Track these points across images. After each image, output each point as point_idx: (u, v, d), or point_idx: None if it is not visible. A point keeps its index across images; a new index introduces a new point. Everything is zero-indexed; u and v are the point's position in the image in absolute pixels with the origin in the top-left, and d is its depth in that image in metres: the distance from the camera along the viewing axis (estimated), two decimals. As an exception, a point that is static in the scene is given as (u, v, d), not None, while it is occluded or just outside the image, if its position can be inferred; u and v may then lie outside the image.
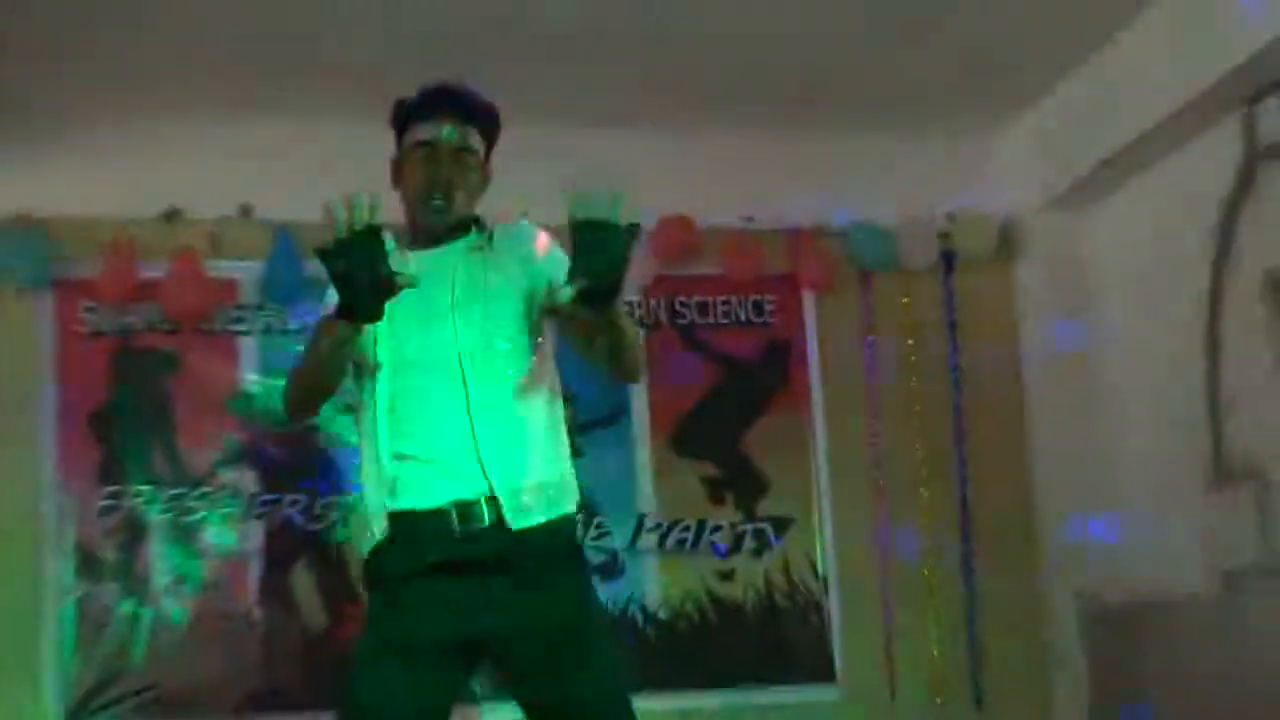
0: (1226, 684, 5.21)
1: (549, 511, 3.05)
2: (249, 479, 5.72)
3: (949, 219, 6.27)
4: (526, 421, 3.06)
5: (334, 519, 5.69)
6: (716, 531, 5.99)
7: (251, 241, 5.72)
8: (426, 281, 2.98)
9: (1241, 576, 5.22)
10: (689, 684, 5.81)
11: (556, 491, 3.08)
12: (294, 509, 5.69)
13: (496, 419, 3.02)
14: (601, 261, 2.76)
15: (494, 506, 2.99)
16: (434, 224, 3.16)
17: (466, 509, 2.99)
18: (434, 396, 3.03)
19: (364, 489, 3.10)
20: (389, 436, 3.05)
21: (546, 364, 3.15)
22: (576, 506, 3.13)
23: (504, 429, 3.03)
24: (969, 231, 6.28)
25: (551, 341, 3.16)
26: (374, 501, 3.07)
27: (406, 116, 3.21)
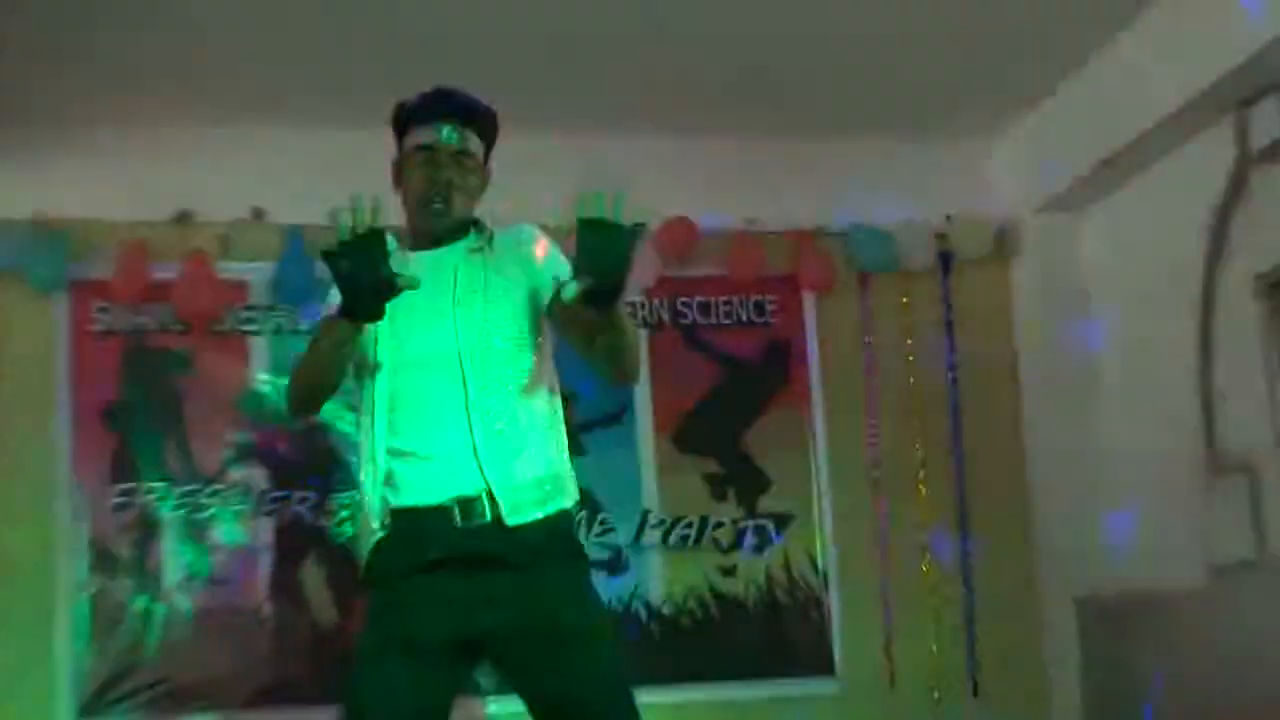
0: (1220, 676, 5.18)
1: (546, 507, 3.06)
2: (259, 476, 5.73)
3: (947, 221, 6.28)
4: (524, 419, 3.08)
5: (343, 516, 5.70)
6: (719, 528, 5.99)
7: (262, 244, 5.73)
8: (427, 282, 2.99)
9: (1234, 571, 5.20)
10: (692, 677, 5.81)
11: (554, 488, 3.09)
12: (303, 506, 5.70)
13: (495, 417, 3.04)
14: (606, 262, 2.78)
15: (492, 503, 3.00)
16: (434, 226, 3.17)
17: (467, 505, 3.00)
18: (434, 395, 3.04)
19: (364, 486, 3.11)
20: (389, 434, 3.07)
21: (545, 363, 3.16)
22: (575, 502, 3.14)
23: (502, 427, 3.04)
24: (967, 233, 6.29)
25: (550, 341, 3.18)
26: (374, 498, 3.08)
27: (406, 120, 3.22)
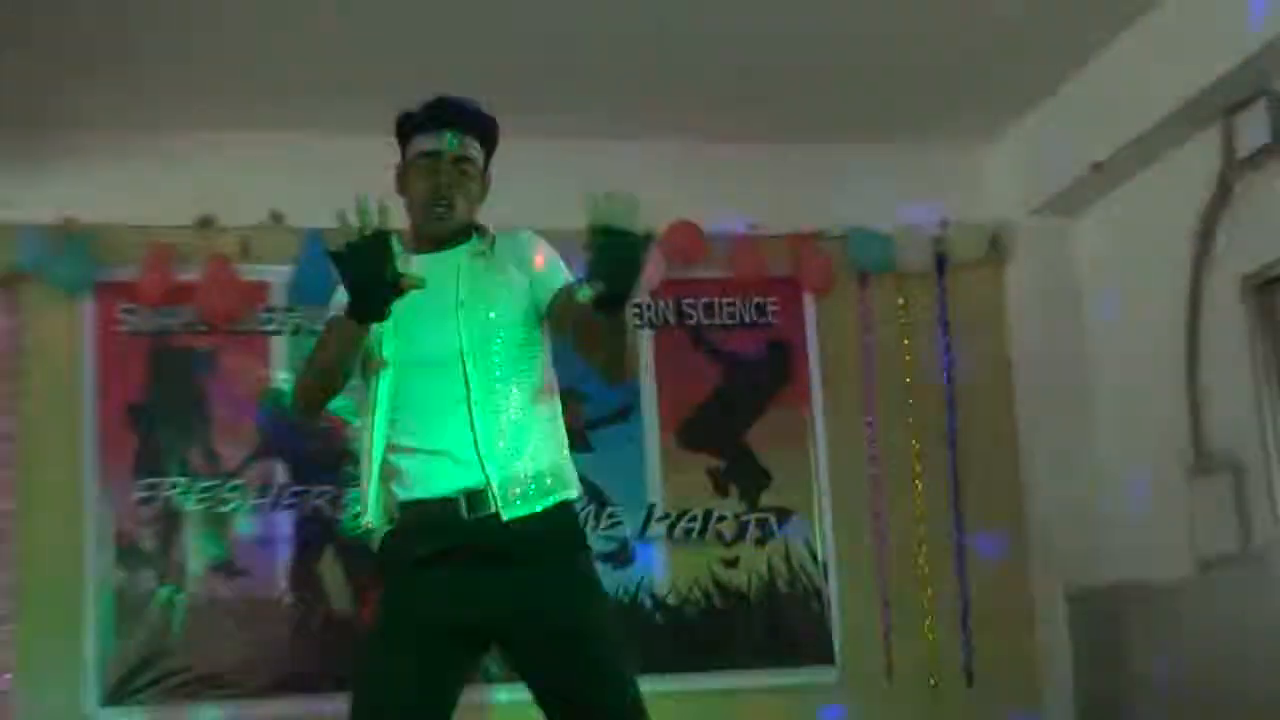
0: (1208, 665, 5.20)
1: (548, 500, 3.08)
2: (279, 471, 5.72)
3: (943, 225, 6.26)
4: (525, 416, 3.10)
5: (355, 511, 5.69)
6: (722, 521, 5.98)
7: (282, 247, 5.72)
8: (431, 283, 3.01)
9: (1221, 564, 5.21)
10: (695, 666, 5.81)
11: (555, 481, 3.11)
12: (322, 499, 5.68)
13: (496, 414, 3.05)
14: (619, 268, 2.77)
15: (495, 496, 3.02)
16: (436, 230, 3.19)
17: (472, 498, 3.02)
18: (437, 393, 3.06)
19: (365, 481, 3.12)
20: (393, 431, 3.09)
21: (544, 363, 3.19)
22: (578, 495, 3.15)
23: (503, 423, 3.05)
24: (962, 236, 6.27)
25: (549, 342, 3.20)
26: (373, 494, 3.10)
27: (410, 128, 3.23)
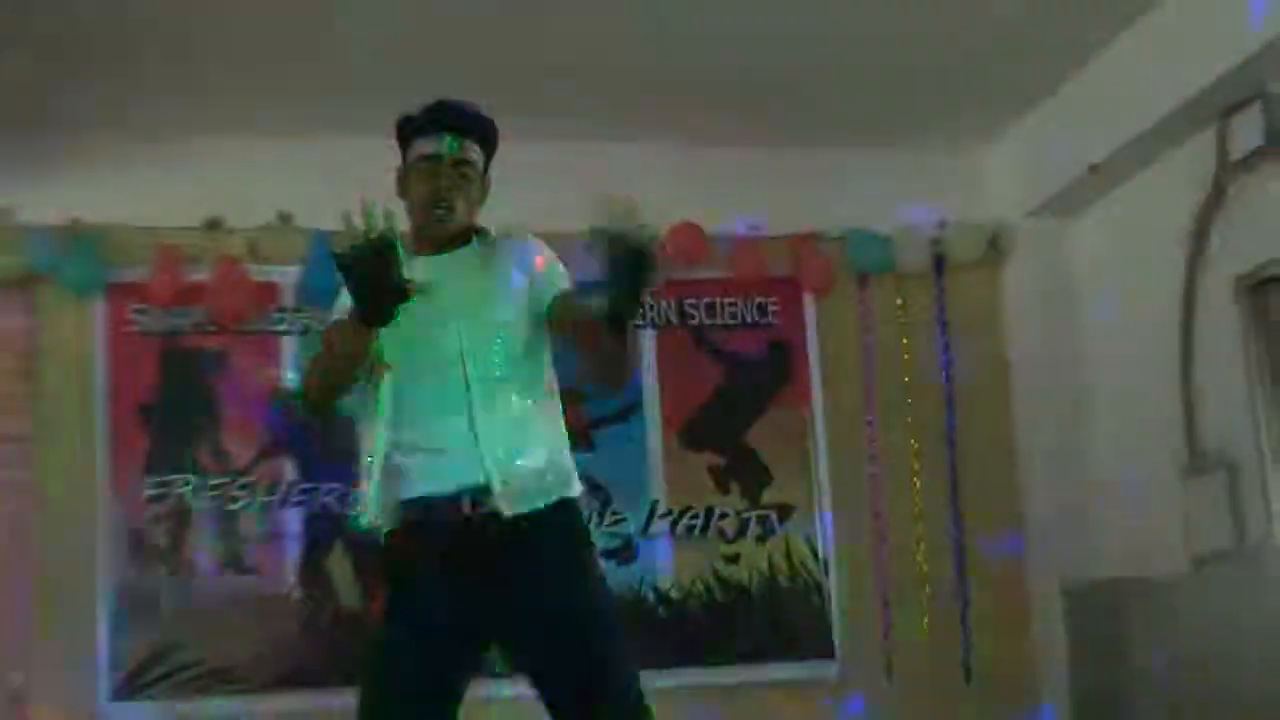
0: (1202, 660, 5.18)
1: (548, 498, 3.07)
2: (288, 469, 5.73)
3: (941, 226, 6.28)
4: (524, 416, 3.09)
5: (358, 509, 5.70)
6: (724, 518, 5.99)
7: (290, 248, 5.72)
8: (433, 285, 3.00)
9: (1214, 561, 5.23)
10: (698, 660, 5.82)
11: (556, 479, 3.10)
12: (330, 497, 5.68)
13: (496, 413, 3.05)
14: (630, 283, 2.79)
15: (495, 495, 3.01)
16: (437, 232, 3.18)
17: (474, 496, 3.01)
18: (440, 393, 3.05)
19: (367, 480, 3.12)
20: (396, 429, 3.08)
21: (545, 363, 3.18)
22: (579, 493, 3.15)
23: (503, 422, 3.05)
24: (960, 237, 6.29)
25: (550, 343, 3.20)
26: (379, 492, 3.10)
27: (410, 131, 3.22)
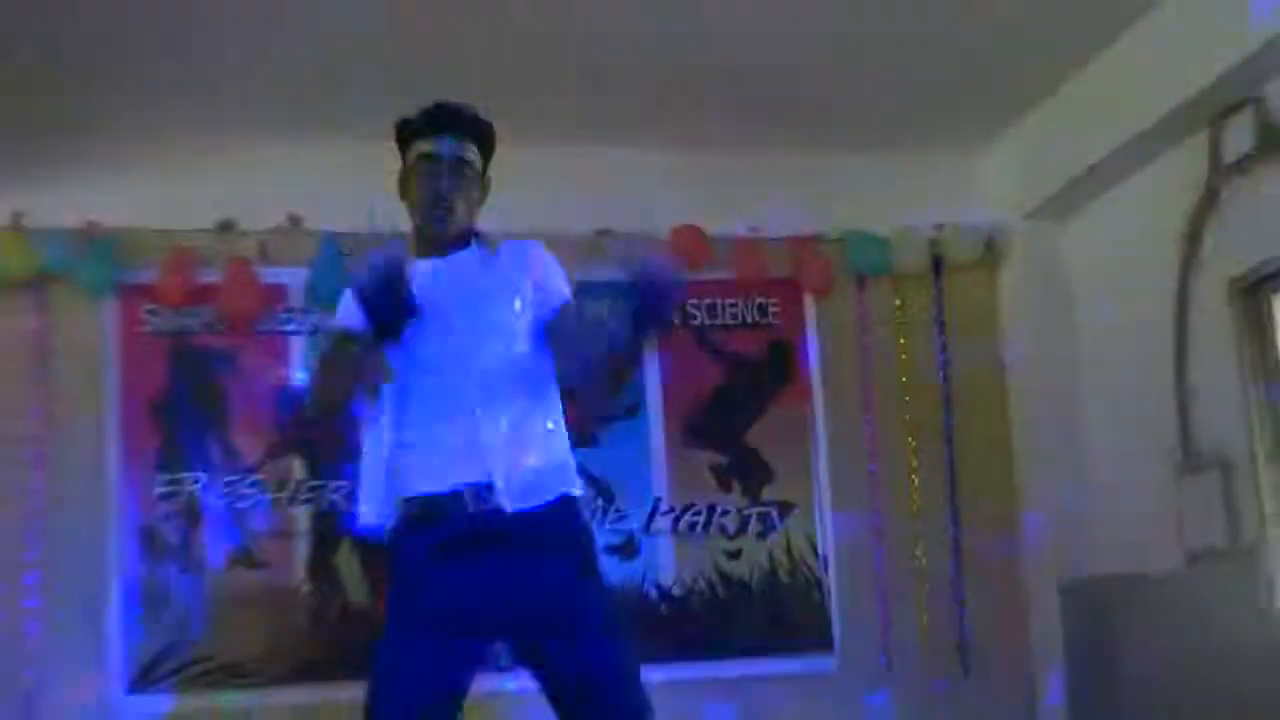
0: (1194, 655, 5.22)
1: (550, 495, 3.10)
2: (297, 467, 5.72)
3: (938, 229, 6.28)
4: (526, 414, 3.12)
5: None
6: (725, 515, 5.99)
7: (299, 249, 5.72)
8: (437, 287, 3.04)
9: (1208, 557, 5.22)
10: (699, 654, 5.83)
11: (556, 477, 3.13)
12: (338, 494, 5.68)
13: (499, 413, 3.07)
14: (655, 319, 2.87)
15: (498, 491, 3.03)
16: (437, 232, 3.19)
17: (477, 493, 3.03)
18: (443, 392, 3.07)
19: (371, 477, 3.14)
20: (402, 428, 3.10)
21: (544, 364, 3.20)
22: (580, 490, 3.17)
23: (508, 422, 3.07)
24: (956, 240, 6.29)
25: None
26: (383, 489, 3.11)
27: (410, 134, 3.23)
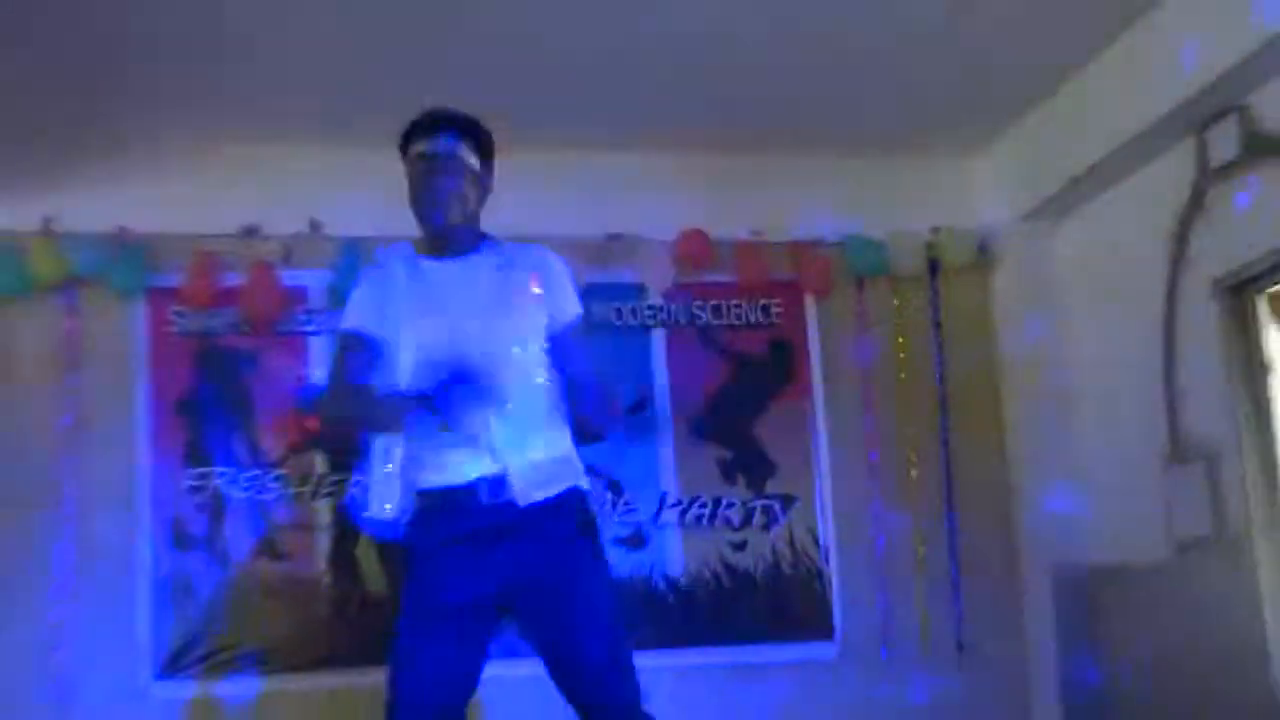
0: (1182, 640, 5.24)
1: (559, 487, 3.16)
2: (318, 462, 5.73)
3: (934, 232, 6.27)
4: (536, 412, 3.17)
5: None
6: (730, 507, 5.99)
7: (320, 254, 5.75)
8: (450, 289, 3.11)
9: (1195, 546, 5.23)
10: (705, 641, 5.86)
11: (565, 470, 3.20)
12: (357, 489, 5.70)
13: (510, 409, 3.11)
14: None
15: (511, 484, 3.10)
16: (434, 227, 3.23)
17: (490, 485, 3.09)
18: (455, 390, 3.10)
19: (385, 470, 3.23)
20: (415, 424, 3.15)
21: (550, 366, 3.25)
22: (586, 483, 3.23)
23: (517, 418, 3.12)
24: (952, 242, 6.27)
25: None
26: (397, 482, 3.20)
27: (408, 136, 3.27)
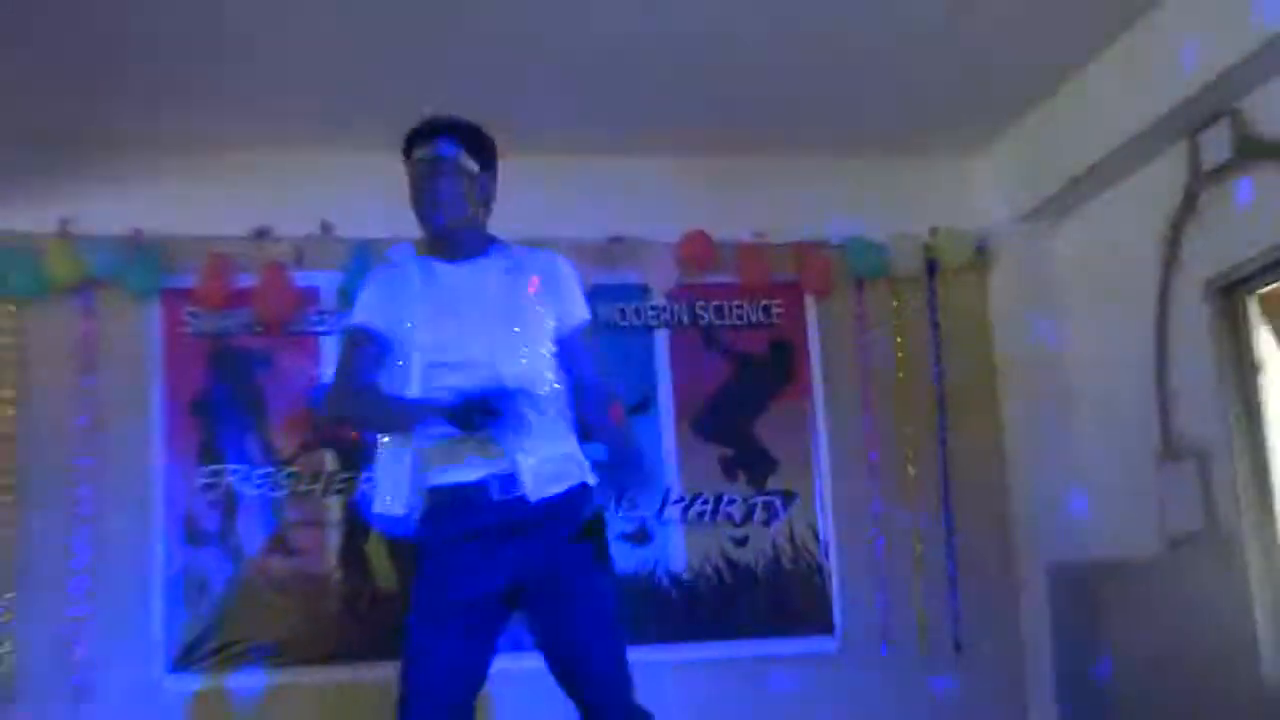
0: (1174, 634, 5.24)
1: (567, 483, 3.19)
2: (329, 460, 5.75)
3: (932, 233, 6.27)
4: (545, 410, 3.19)
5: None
6: (732, 504, 6.00)
7: (331, 255, 5.75)
8: (462, 292, 3.14)
9: (1186, 542, 5.24)
10: (707, 635, 5.87)
11: (574, 467, 3.23)
12: (368, 485, 5.71)
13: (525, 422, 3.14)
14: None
15: (521, 481, 3.13)
16: (433, 230, 3.26)
17: (502, 482, 3.12)
18: (466, 390, 3.14)
19: (392, 469, 3.22)
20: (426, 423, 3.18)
21: (556, 367, 3.29)
22: (594, 481, 3.25)
23: (528, 417, 3.13)
24: (950, 244, 6.27)
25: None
26: (413, 479, 3.19)
27: (409, 147, 3.30)
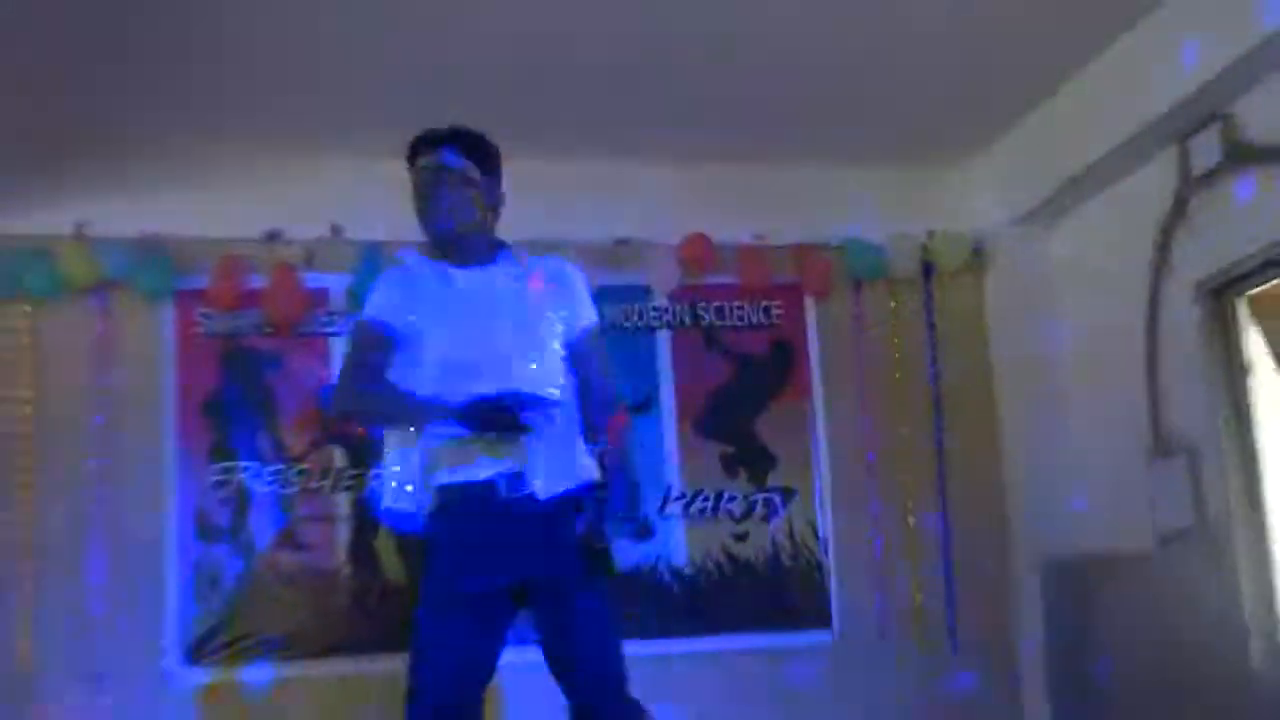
0: (1165, 628, 5.24)
1: (576, 481, 3.23)
2: (339, 456, 5.76)
3: (929, 235, 6.27)
4: (552, 415, 3.23)
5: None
6: (732, 501, 6.01)
7: (341, 257, 5.75)
8: (474, 297, 3.19)
9: (1177, 538, 5.25)
10: (708, 629, 5.88)
11: (581, 465, 3.27)
12: (377, 482, 5.72)
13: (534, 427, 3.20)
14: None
15: (530, 479, 3.18)
16: (436, 236, 3.30)
17: (511, 480, 3.16)
18: (478, 393, 3.18)
19: (402, 466, 3.26)
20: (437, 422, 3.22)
21: (565, 369, 3.33)
22: (599, 478, 3.28)
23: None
24: (946, 246, 6.28)
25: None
26: (422, 477, 3.23)
27: (413, 151, 3.34)
